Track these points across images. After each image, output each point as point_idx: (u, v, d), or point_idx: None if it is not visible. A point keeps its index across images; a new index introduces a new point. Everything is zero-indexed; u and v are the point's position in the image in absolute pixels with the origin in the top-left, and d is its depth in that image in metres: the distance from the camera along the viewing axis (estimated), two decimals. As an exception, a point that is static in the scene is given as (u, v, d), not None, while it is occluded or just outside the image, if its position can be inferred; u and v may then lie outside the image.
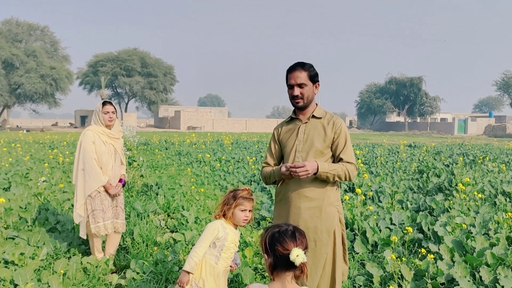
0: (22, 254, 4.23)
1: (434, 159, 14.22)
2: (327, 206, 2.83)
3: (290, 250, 1.81)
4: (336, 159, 2.90)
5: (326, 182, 2.83)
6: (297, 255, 1.79)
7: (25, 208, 6.15)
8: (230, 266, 2.93)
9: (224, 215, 2.86)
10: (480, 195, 6.43)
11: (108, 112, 4.28)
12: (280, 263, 1.85)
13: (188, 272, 2.75)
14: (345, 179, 2.83)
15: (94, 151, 4.18)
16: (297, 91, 2.85)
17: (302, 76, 2.84)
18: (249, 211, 2.84)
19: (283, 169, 2.76)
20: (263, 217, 6.14)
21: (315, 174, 2.73)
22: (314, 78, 2.89)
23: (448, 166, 12.15)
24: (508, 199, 7.24)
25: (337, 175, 2.78)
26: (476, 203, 6.53)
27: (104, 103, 4.32)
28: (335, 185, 2.89)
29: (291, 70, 2.88)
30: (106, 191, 4.26)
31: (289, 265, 1.83)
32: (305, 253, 1.85)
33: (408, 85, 65.09)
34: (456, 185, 8.10)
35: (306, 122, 2.93)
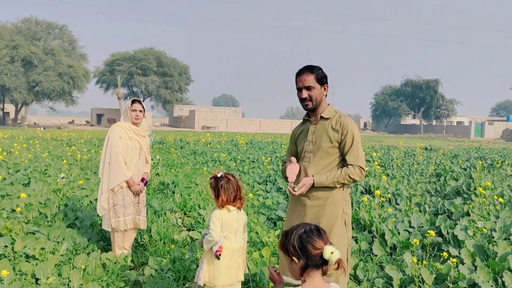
0: (42, 249, 4.29)
1: (452, 162, 14.05)
2: (331, 205, 2.87)
3: (322, 248, 1.80)
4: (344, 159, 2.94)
5: None
6: (331, 252, 1.78)
7: (45, 203, 6.22)
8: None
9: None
10: (501, 199, 6.32)
11: (135, 110, 4.37)
12: (313, 263, 1.83)
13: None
14: (350, 183, 2.87)
15: (121, 146, 4.28)
16: (304, 94, 2.90)
17: (309, 79, 2.88)
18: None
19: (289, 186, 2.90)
20: (279, 217, 6.13)
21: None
22: (321, 80, 2.91)
23: (465, 169, 11.99)
24: (529, 204, 7.10)
25: (337, 182, 2.82)
26: (496, 208, 6.42)
27: (133, 101, 4.40)
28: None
29: (299, 73, 2.93)
30: (129, 187, 4.32)
31: (322, 264, 1.82)
32: None
33: (424, 88, 64.39)
34: (475, 189, 7.98)
35: (316, 123, 2.99)
